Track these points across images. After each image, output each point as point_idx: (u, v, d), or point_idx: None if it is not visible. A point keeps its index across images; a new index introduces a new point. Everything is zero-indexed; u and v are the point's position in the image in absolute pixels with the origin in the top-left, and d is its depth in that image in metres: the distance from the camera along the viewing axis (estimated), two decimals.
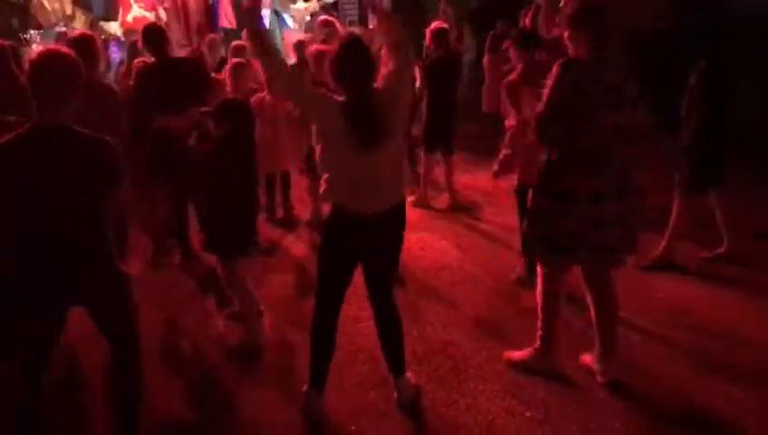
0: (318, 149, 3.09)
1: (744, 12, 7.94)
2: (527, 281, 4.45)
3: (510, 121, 4.62)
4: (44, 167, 2.57)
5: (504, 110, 4.84)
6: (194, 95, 4.47)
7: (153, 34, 4.97)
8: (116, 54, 9.53)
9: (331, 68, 2.94)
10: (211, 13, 11.29)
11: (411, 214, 5.96)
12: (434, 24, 6.26)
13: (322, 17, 8.01)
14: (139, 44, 5.21)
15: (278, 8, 10.67)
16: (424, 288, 4.76)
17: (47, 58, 2.63)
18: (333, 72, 2.93)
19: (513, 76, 4.50)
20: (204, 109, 4.04)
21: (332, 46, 2.96)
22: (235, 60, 5.57)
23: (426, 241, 5.60)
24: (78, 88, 2.68)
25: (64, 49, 2.77)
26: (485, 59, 8.15)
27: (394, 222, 3.13)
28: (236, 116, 3.91)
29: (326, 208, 3.32)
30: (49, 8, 9.68)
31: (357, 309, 4.12)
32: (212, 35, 8.48)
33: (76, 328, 3.15)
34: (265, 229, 5.69)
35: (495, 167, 4.83)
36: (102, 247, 2.75)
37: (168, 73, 4.84)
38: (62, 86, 2.63)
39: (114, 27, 10.38)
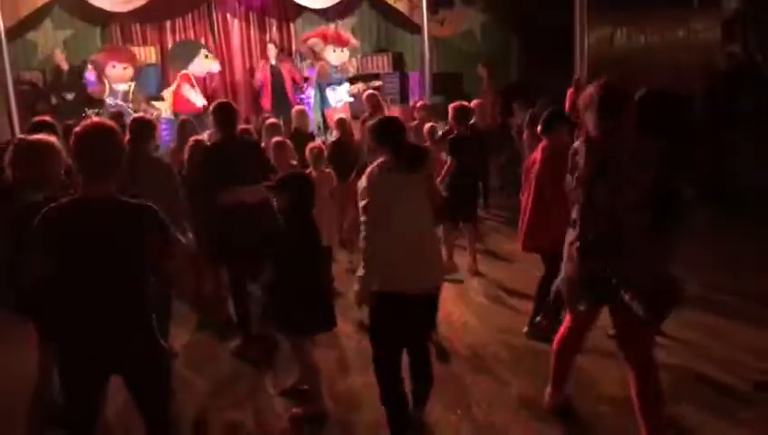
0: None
1: None
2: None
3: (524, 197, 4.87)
4: (88, 235, 2.64)
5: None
6: (258, 172, 4.64)
7: (222, 112, 5.07)
8: (166, 133, 9.87)
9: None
10: (255, 96, 11.76)
11: (455, 286, 6.06)
12: (455, 103, 6.65)
13: (369, 92, 8.36)
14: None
15: (322, 84, 11.02)
16: (469, 364, 4.67)
17: (90, 130, 2.72)
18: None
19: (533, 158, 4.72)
20: (267, 183, 4.18)
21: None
22: (275, 139, 5.78)
23: (470, 316, 5.53)
24: (120, 158, 2.76)
25: (108, 122, 2.86)
26: (525, 134, 8.23)
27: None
28: (298, 187, 4.02)
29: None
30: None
31: None
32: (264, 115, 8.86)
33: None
34: None
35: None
36: (140, 316, 2.78)
37: (236, 151, 4.98)
38: (105, 157, 2.71)
39: (164, 106, 10.79)
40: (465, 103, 6.82)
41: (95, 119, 2.92)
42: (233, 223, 4.78)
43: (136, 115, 5.14)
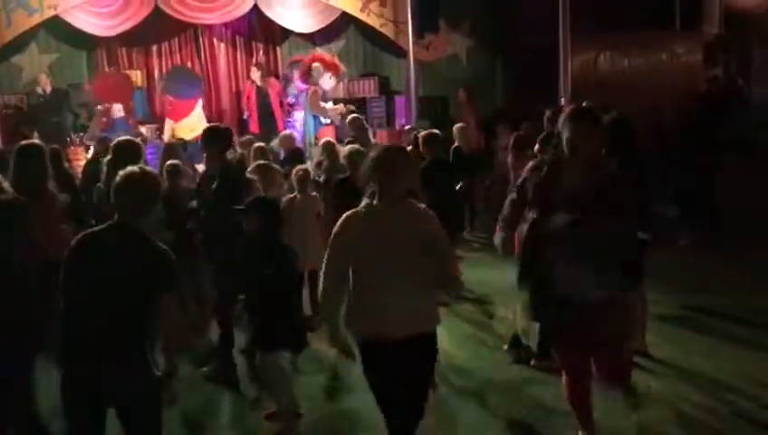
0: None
1: None
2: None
3: None
4: (105, 261, 2.85)
5: None
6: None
7: (212, 135, 5.06)
8: (152, 156, 9.84)
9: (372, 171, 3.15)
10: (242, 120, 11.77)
11: (441, 310, 6.00)
12: (424, 132, 6.72)
13: (353, 116, 8.39)
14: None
15: (311, 111, 11.03)
16: (455, 389, 4.63)
17: (130, 177, 2.96)
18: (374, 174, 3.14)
19: None
20: (237, 207, 4.19)
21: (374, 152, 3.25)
22: (261, 161, 5.77)
23: (456, 340, 5.49)
24: (151, 205, 3.02)
25: (148, 171, 3.11)
26: (510, 158, 8.26)
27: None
28: (259, 211, 4.08)
29: None
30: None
31: None
32: (247, 137, 8.85)
33: None
34: None
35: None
36: (140, 347, 2.89)
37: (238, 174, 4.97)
38: (138, 203, 2.96)
39: (151, 130, 10.78)
40: (434, 131, 6.82)
41: (135, 167, 3.09)
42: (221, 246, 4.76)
43: (120, 139, 5.06)
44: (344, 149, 6.31)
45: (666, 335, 5.22)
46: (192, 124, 10.82)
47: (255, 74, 11.36)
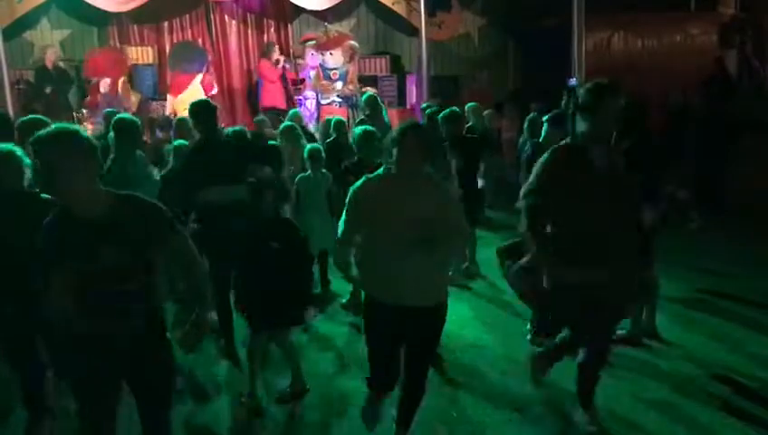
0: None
1: None
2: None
3: None
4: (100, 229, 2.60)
5: None
6: (239, 171, 4.53)
7: (199, 110, 4.88)
8: (159, 134, 9.84)
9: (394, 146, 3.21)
10: (254, 94, 11.77)
11: (451, 288, 6.01)
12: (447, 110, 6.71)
13: (368, 94, 8.36)
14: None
15: (313, 88, 11.04)
16: (464, 366, 4.67)
17: (50, 137, 2.55)
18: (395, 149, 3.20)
19: None
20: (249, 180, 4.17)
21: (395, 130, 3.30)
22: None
23: (466, 318, 5.52)
24: (87, 159, 2.58)
25: (72, 128, 2.66)
26: (521, 140, 8.25)
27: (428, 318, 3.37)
28: (261, 188, 4.04)
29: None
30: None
31: None
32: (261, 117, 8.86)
33: None
34: None
35: None
36: (150, 310, 2.79)
37: (215, 151, 4.80)
38: (69, 163, 2.53)
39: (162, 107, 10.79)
40: (455, 109, 6.82)
41: (57, 125, 2.72)
42: (214, 221, 4.75)
43: (119, 115, 5.01)
44: (354, 131, 6.21)
45: (674, 317, 5.24)
46: (189, 99, 10.83)
47: (275, 54, 11.27)
